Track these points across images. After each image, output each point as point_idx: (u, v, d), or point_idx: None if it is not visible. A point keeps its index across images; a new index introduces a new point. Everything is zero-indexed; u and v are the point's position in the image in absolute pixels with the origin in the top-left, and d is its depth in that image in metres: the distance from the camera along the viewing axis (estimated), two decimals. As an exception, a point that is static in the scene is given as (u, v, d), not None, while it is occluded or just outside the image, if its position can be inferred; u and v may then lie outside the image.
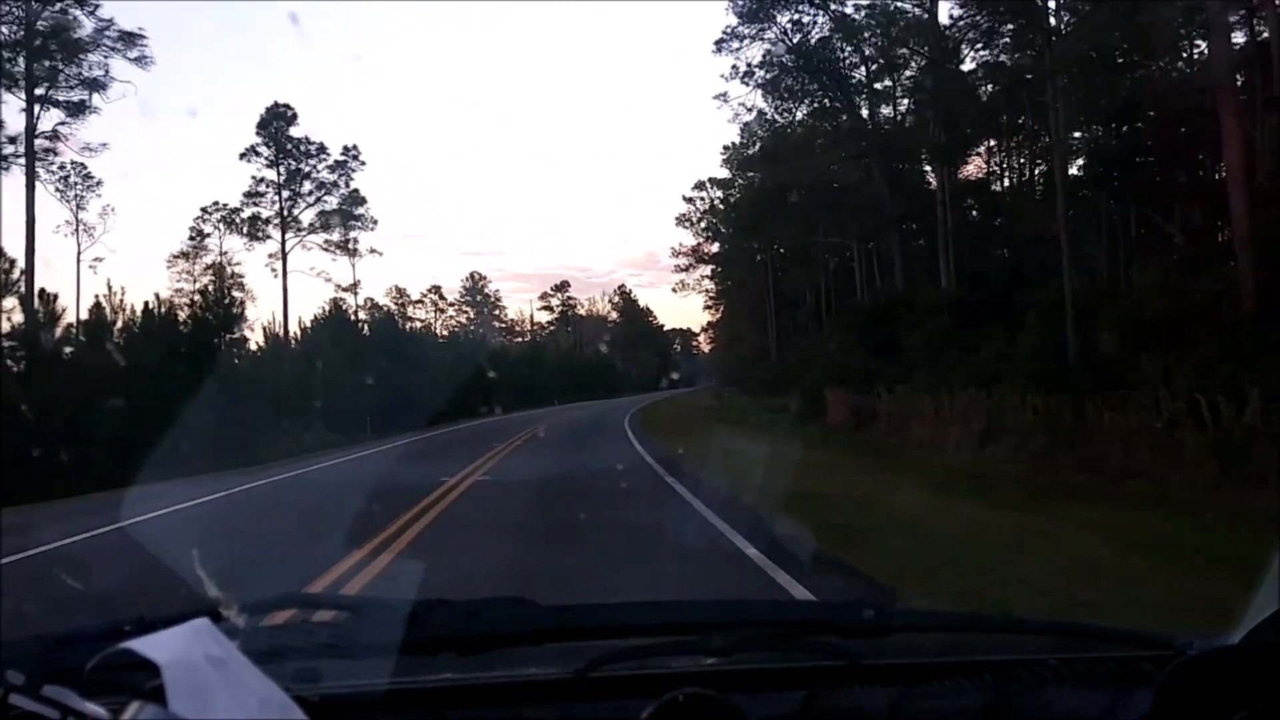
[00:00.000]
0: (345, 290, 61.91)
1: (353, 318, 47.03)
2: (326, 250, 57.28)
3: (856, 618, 1.37)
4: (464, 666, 1.31)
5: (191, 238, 58.11)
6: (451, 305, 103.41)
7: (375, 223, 61.00)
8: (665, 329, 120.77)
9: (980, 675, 1.42)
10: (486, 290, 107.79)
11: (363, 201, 56.66)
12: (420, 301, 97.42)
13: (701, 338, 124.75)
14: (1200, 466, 11.13)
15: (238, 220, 55.78)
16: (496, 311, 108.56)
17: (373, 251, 62.62)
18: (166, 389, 20.94)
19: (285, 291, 54.28)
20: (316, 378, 33.81)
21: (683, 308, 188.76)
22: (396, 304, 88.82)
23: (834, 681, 1.38)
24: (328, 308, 46.69)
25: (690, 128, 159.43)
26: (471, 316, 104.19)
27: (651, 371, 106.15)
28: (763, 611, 2.01)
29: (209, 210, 57.39)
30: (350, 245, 57.34)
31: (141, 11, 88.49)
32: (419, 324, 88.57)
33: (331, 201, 55.96)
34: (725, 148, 64.48)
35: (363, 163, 56.20)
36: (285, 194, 54.93)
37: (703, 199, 76.73)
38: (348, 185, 56.22)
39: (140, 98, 43.96)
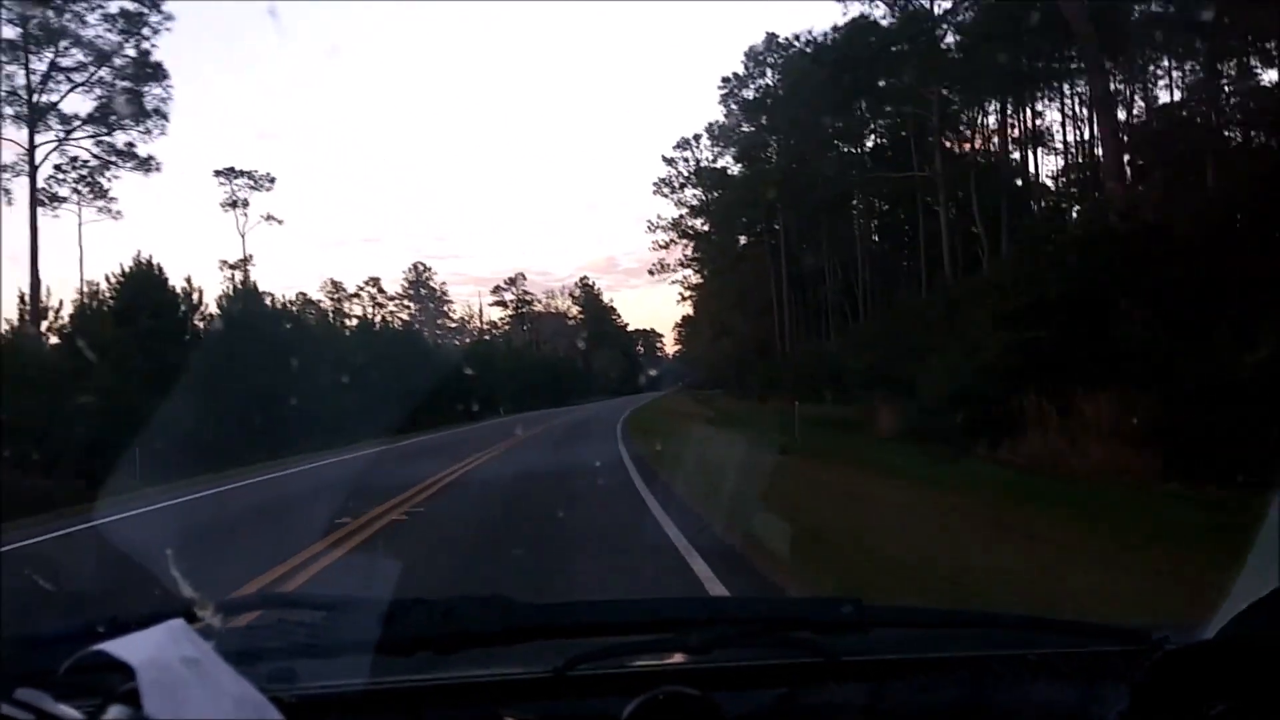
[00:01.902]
0: (233, 267, 51.42)
1: (192, 294, 29.55)
2: (106, 160, 36.27)
3: (834, 614, 1.37)
4: (442, 665, 1.31)
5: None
6: (392, 299, 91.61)
7: (272, 180, 50.50)
8: (629, 328, 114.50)
9: (957, 670, 1.43)
10: (431, 283, 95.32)
11: (160, 75, 35.77)
12: (357, 295, 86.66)
13: (668, 338, 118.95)
14: None
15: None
16: (444, 307, 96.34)
17: (270, 219, 51.96)
18: None
19: (34, 233, 33.25)
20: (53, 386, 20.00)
21: (647, 308, 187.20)
22: (331, 298, 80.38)
23: (812, 678, 1.38)
24: (124, 271, 28.07)
25: (651, 129, 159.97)
26: (415, 312, 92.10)
27: (618, 372, 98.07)
28: (741, 608, 2.01)
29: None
30: (147, 160, 35.99)
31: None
32: (353, 320, 73.25)
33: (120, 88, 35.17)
34: (724, 80, 55.42)
35: (168, 17, 35.16)
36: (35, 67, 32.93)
37: (687, 160, 64.66)
38: (139, 50, 35.08)
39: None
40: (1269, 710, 1.16)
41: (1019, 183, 38.76)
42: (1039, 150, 40.38)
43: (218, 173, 53.01)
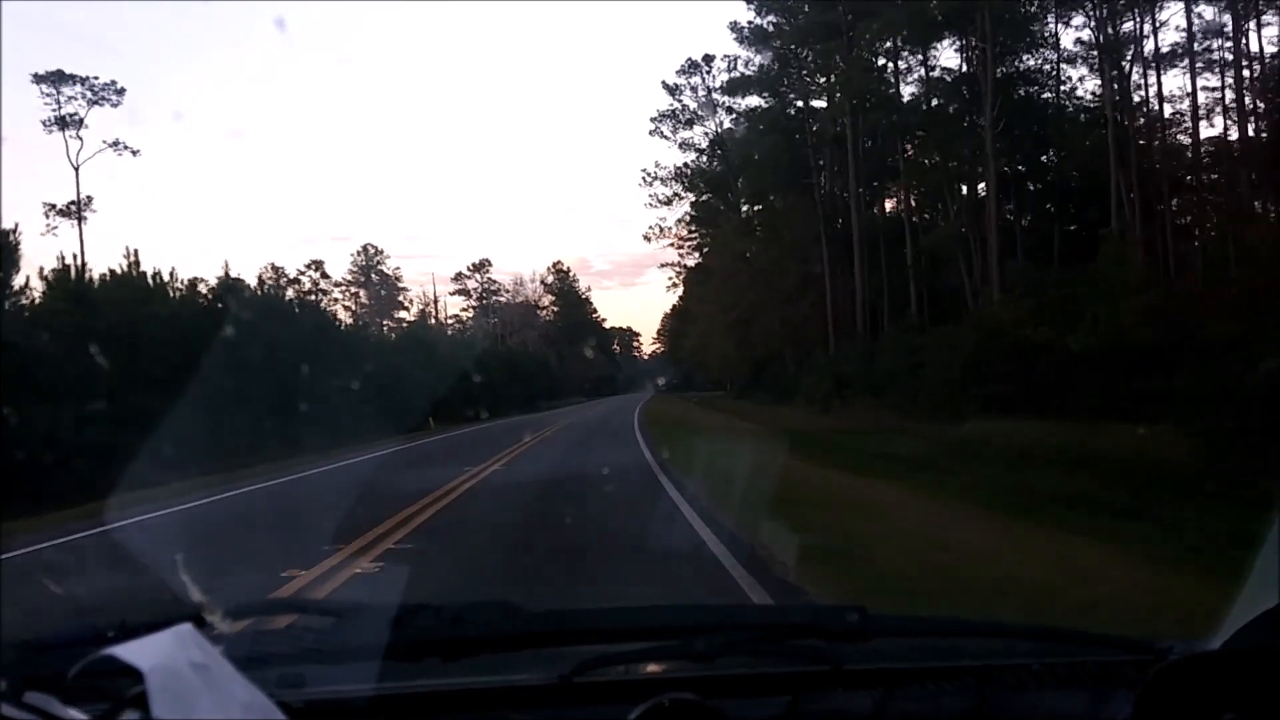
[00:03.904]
0: (62, 214, 40.44)
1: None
2: None
3: (839, 622, 1.37)
4: (449, 671, 1.31)
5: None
6: (338, 286, 79.15)
7: (120, 92, 39.67)
8: (605, 323, 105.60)
9: (962, 679, 1.43)
10: (383, 267, 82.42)
11: None
12: (297, 281, 73.05)
13: (645, 338, 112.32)
14: None
15: None
16: (400, 296, 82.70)
17: (118, 145, 40.48)
18: None
19: None
20: None
21: (622, 310, 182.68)
22: (272, 283, 66.41)
23: (817, 686, 1.38)
24: None
25: (621, 133, 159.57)
26: (365, 300, 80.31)
27: (596, 371, 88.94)
28: (746, 616, 2.02)
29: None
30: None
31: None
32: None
33: None
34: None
35: None
36: None
37: (694, 89, 50.21)
38: None
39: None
40: None
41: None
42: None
43: (38, 78, 40.08)
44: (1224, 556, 7.13)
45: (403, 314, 79.74)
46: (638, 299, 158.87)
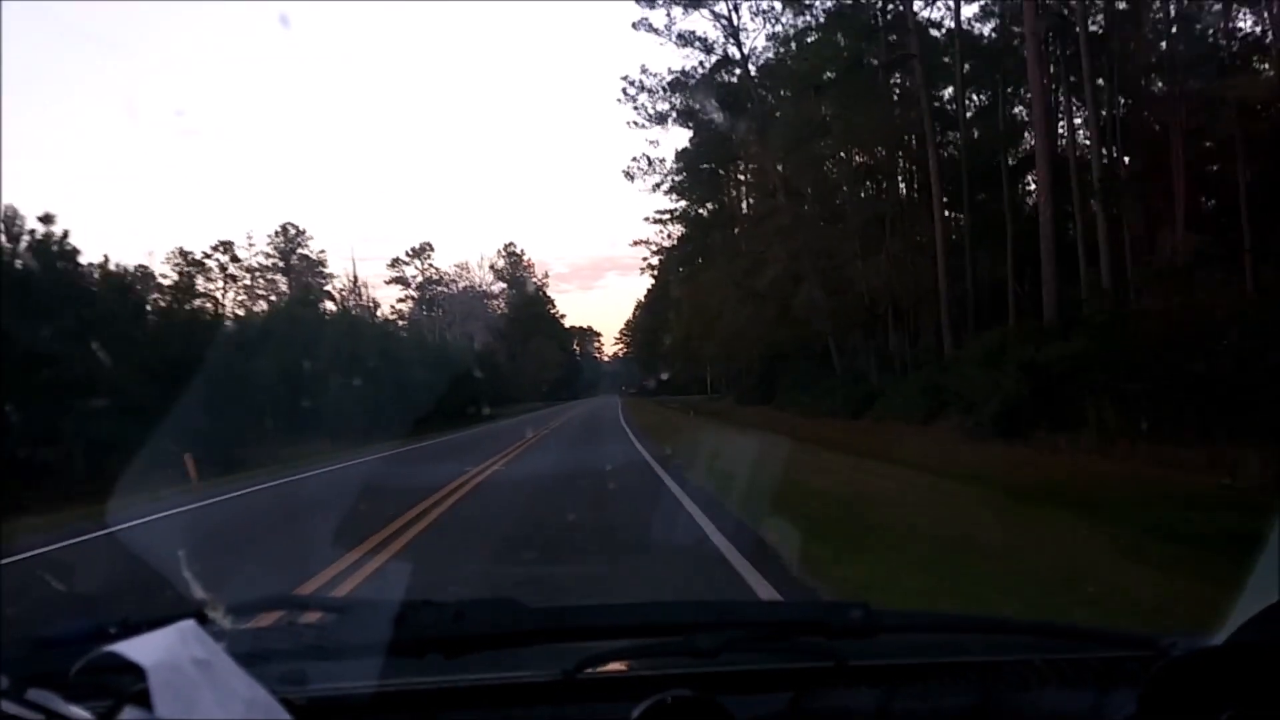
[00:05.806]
0: None
1: None
2: None
3: (843, 618, 1.37)
4: (451, 668, 1.31)
5: None
6: (250, 271, 68.67)
7: None
8: (564, 319, 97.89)
9: (966, 676, 1.43)
10: (305, 250, 71.59)
11: None
12: (203, 264, 64.38)
13: (605, 338, 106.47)
14: None
15: None
16: (327, 284, 68.71)
17: None
18: None
19: None
20: None
21: (581, 314, 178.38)
22: (179, 271, 60.63)
23: (821, 682, 1.38)
24: None
25: (583, 132, 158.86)
26: (285, 287, 68.18)
27: (555, 373, 79.78)
28: (750, 612, 2.02)
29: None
30: None
31: None
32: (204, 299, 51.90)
33: None
34: None
35: None
36: None
37: None
38: None
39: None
40: (1277, 716, 1.16)
41: None
42: None
43: None
44: None
45: (329, 304, 62.31)
46: (597, 303, 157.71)
